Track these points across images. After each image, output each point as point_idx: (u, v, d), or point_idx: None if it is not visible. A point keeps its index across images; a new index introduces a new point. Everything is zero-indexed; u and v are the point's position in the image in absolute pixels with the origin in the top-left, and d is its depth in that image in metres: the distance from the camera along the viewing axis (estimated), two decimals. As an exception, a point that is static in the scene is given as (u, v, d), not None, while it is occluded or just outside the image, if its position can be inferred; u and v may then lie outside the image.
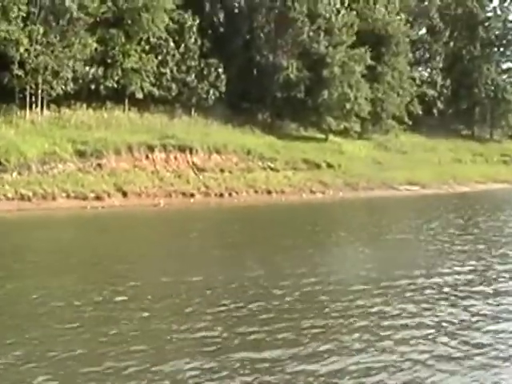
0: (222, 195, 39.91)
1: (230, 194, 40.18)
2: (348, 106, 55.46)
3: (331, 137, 57.30)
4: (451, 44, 78.37)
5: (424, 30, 78.42)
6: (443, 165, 61.89)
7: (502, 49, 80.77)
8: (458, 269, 17.94)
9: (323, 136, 56.82)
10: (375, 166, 54.14)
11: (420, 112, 67.75)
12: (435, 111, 73.09)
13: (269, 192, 41.93)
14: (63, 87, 44.93)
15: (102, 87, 47.62)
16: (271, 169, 46.33)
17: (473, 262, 19.09)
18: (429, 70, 75.12)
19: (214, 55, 53.90)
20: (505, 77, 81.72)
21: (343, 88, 55.35)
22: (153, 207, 36.16)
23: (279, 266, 18.04)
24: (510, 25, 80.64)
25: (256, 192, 41.58)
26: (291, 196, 42.28)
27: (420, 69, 71.51)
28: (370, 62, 57.91)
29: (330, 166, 49.59)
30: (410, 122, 66.64)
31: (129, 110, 49.25)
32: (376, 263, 18.89)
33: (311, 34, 56.24)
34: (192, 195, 39.05)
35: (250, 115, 55.78)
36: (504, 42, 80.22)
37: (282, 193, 42.36)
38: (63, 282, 16.21)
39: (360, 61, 56.68)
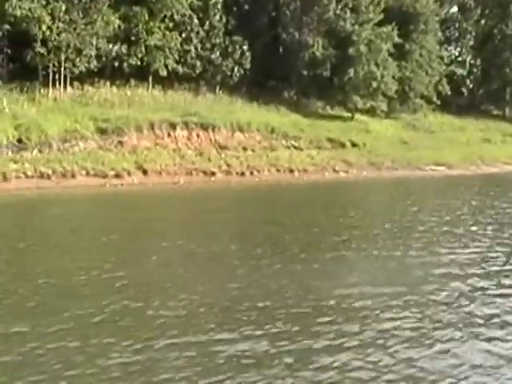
0: (243, 174, 39.43)
1: (251, 173, 39.70)
2: (374, 84, 54.62)
3: (357, 116, 56.51)
4: (482, 22, 76.75)
5: (455, 8, 76.92)
6: (472, 145, 60.86)
7: (534, 27, 78.46)
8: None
9: (349, 115, 56.07)
10: (401, 146, 53.39)
11: (449, 91, 66.38)
12: (465, 91, 71.80)
13: (291, 171, 41.38)
14: (86, 65, 44.67)
15: (125, 65, 47.41)
16: (295, 147, 45.76)
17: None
18: (458, 48, 73.57)
19: (238, 33, 53.35)
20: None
21: (369, 66, 54.51)
22: (172, 185, 35.78)
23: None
24: (543, 2, 78.67)
25: (278, 171, 41.06)
26: (314, 175, 41.72)
27: (449, 48, 69.82)
28: (397, 40, 56.70)
29: (354, 145, 48.89)
30: (439, 102, 65.54)
31: (153, 87, 48.92)
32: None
33: (337, 11, 55.30)
34: (213, 173, 38.63)
35: (275, 93, 55.30)
36: (537, 19, 78.13)
37: (304, 172, 41.79)
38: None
39: (387, 39, 55.74)
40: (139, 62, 47.94)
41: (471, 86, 72.23)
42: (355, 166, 44.92)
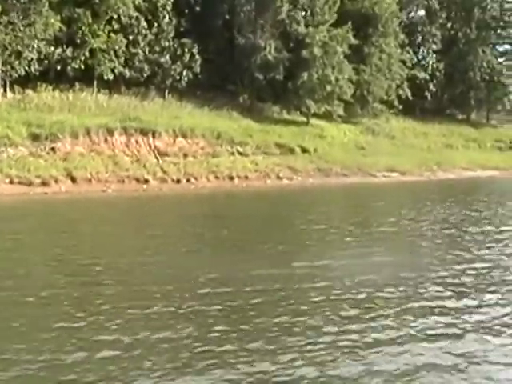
0: (179, 181, 37.78)
1: (188, 180, 38.05)
2: (329, 88, 52.98)
3: (314, 120, 54.93)
4: (448, 26, 75.46)
5: (422, 12, 75.58)
6: (433, 150, 59.53)
7: (498, 31, 77.36)
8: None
9: (305, 119, 54.47)
10: (357, 152, 51.93)
11: (410, 96, 64.89)
12: (428, 95, 70.35)
13: (231, 178, 39.75)
14: (27, 68, 43.05)
15: (69, 68, 45.71)
16: (240, 153, 44.14)
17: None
18: (423, 52, 72.05)
19: (190, 35, 51.83)
20: (501, 60, 78.64)
21: (324, 69, 52.91)
22: (100, 193, 34.07)
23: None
24: (507, 5, 77.60)
25: (217, 178, 39.44)
26: (256, 182, 40.12)
27: (412, 51, 68.20)
28: (354, 41, 55.13)
29: (305, 150, 47.34)
30: (400, 107, 64.14)
31: (99, 91, 47.23)
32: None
33: (291, 13, 53.76)
34: (146, 181, 36.97)
35: (229, 98, 53.65)
36: (501, 23, 77.00)
37: (245, 178, 40.18)
38: None
39: (342, 41, 54.11)
40: (83, 66, 46.15)
41: (434, 89, 70.67)
42: (302, 172, 43.37)
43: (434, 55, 71.43)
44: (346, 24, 55.28)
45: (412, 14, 73.97)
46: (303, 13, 53.99)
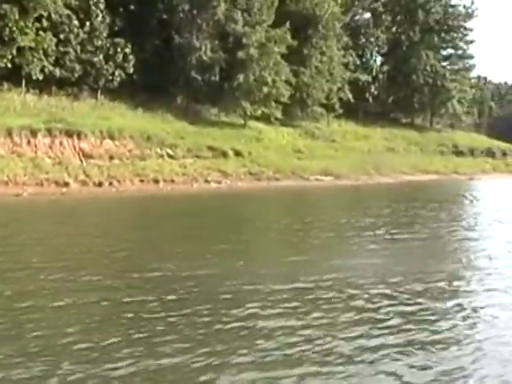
0: (101, 184, 36.39)
1: (110, 183, 36.65)
2: (265, 89, 51.94)
3: (253, 123, 53.95)
4: (393, 29, 75.11)
5: (368, 14, 75.10)
6: (373, 154, 58.91)
7: (442, 34, 77.09)
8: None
9: (243, 122, 53.47)
10: (293, 155, 51.05)
11: (351, 99, 64.29)
12: (370, 98, 69.85)
13: (156, 181, 38.47)
14: (-51, 66, 41.51)
15: (-5, 67, 44.15)
16: (170, 156, 42.90)
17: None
18: (367, 55, 71.53)
19: (125, 35, 50.50)
20: (445, 64, 78.50)
21: (261, 71, 51.88)
22: (15, 197, 32.56)
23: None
24: (451, 9, 77.54)
25: (142, 181, 38.10)
26: (182, 185, 38.85)
27: (356, 54, 67.60)
28: (292, 42, 53.95)
29: (238, 153, 46.21)
30: (341, 110, 63.48)
31: (27, 91, 45.68)
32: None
33: (229, 12, 52.67)
34: (66, 184, 35.54)
35: (165, 99, 52.37)
36: (445, 27, 76.79)
37: (171, 182, 38.94)
38: None
39: (279, 41, 53.07)
40: (10, 65, 44.57)
41: (376, 92, 70.21)
42: (232, 176, 42.24)
43: (378, 58, 71.04)
44: (289, 25, 54.33)
45: (357, 16, 73.35)
46: (241, 12, 52.67)
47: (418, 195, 40.81)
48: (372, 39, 71.33)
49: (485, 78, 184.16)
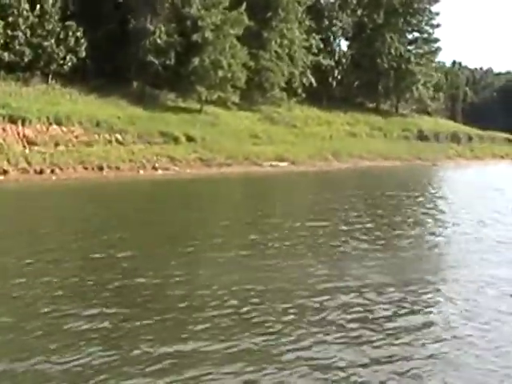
0: (42, 172, 35.24)
1: (52, 171, 35.50)
2: (220, 73, 50.84)
3: (209, 108, 52.90)
4: (359, 12, 74.00)
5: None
6: (334, 139, 58.11)
7: (407, 17, 76.08)
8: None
9: (199, 107, 52.42)
10: (250, 140, 50.05)
11: (314, 83, 63.33)
12: (334, 83, 68.93)
13: (101, 168, 37.35)
14: None
15: None
16: (119, 142, 41.77)
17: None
18: (331, 38, 70.39)
19: (79, 18, 49.20)
20: (411, 47, 77.58)
21: (216, 54, 50.78)
22: None
23: None
24: (416, -9, 76.52)
25: (86, 168, 36.97)
26: (128, 172, 37.75)
27: (319, 37, 66.41)
28: (249, 23, 52.73)
29: (191, 139, 45.20)
30: (304, 95, 62.52)
31: (-27, 75, 44.45)
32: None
33: (185, -6, 51.48)
34: (5, 172, 34.37)
35: (121, 84, 51.17)
36: (410, 10, 75.79)
37: (116, 169, 37.84)
38: None
39: (236, 24, 51.93)
40: (-46, 48, 43.32)
41: (340, 77, 69.28)
42: (181, 162, 41.20)
43: (344, 42, 70.05)
44: (247, 8, 53.18)
45: (322, -1, 72.10)
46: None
47: (364, 182, 40.05)
48: (336, 22, 70.21)
49: (459, 64, 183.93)
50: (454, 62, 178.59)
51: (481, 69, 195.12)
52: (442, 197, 32.71)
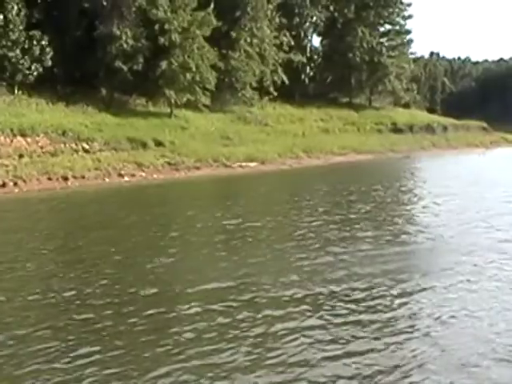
0: (4, 185, 34.95)
1: (15, 184, 35.20)
2: (189, 76, 50.63)
3: (180, 112, 52.75)
4: (331, 8, 73.91)
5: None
6: (307, 136, 58.02)
7: (379, 10, 75.99)
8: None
9: (169, 111, 52.26)
10: (221, 142, 49.90)
11: (286, 80, 63.25)
12: (306, 79, 68.87)
13: (65, 178, 37.08)
14: None
15: None
16: (85, 151, 41.58)
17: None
18: (302, 34, 70.19)
19: (45, 27, 48.95)
20: (383, 40, 77.53)
21: (184, 57, 50.58)
22: None
23: None
24: (387, -17, 76.45)
25: (50, 179, 36.69)
26: (94, 181, 37.52)
27: (290, 34, 66.10)
28: (217, 24, 52.25)
29: (159, 144, 45.03)
30: (276, 93, 62.40)
31: None
32: None
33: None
34: (-33, 187, 34.11)
35: (89, 91, 51.00)
36: (381, 2, 75.70)
37: (82, 178, 37.60)
38: None
39: (203, 24, 51.69)
40: None
41: (312, 73, 69.23)
42: (148, 168, 41.02)
43: (315, 37, 69.95)
44: (215, 8, 53.02)
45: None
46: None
47: (328, 178, 40.19)
48: (307, 19, 70.08)
49: (437, 54, 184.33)
50: (431, 53, 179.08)
51: (459, 58, 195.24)
52: (398, 187, 33.25)
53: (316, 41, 72.62)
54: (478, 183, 35.14)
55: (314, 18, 72.04)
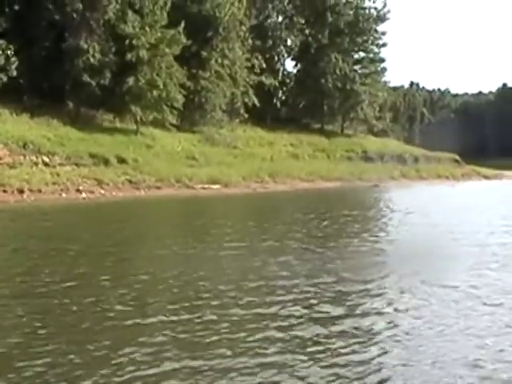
0: (-44, 196, 33.94)
1: (-31, 196, 34.24)
2: (155, 93, 49.88)
3: (147, 129, 51.87)
4: (307, 32, 73.56)
5: (280, 17, 73.56)
6: (275, 161, 57.31)
7: (353, 37, 75.82)
8: None
9: (135, 128, 51.37)
10: (186, 162, 49.04)
11: (257, 103, 62.66)
12: (278, 103, 68.35)
13: (21, 191, 36.03)
14: None
15: None
16: (45, 164, 40.57)
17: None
18: (275, 58, 69.74)
19: (11, 36, 47.94)
20: (357, 67, 77.33)
21: (152, 74, 49.85)
22: None
23: None
24: (361, 12, 76.38)
25: (5, 191, 35.68)
26: (50, 196, 36.52)
27: (263, 57, 65.65)
28: (186, 43, 51.49)
29: (122, 161, 44.07)
30: (247, 115, 61.81)
31: None
32: None
33: (120, 13, 50.49)
34: None
35: (56, 104, 50.01)
36: (356, 30, 75.57)
37: (38, 192, 36.56)
38: None
39: (172, 43, 50.99)
40: None
41: (284, 97, 68.74)
42: (108, 185, 40.05)
43: (289, 61, 69.55)
44: (187, 26, 52.32)
45: (268, 18, 71.38)
46: (133, 13, 50.45)
47: (284, 204, 39.42)
48: (281, 42, 69.68)
49: (417, 85, 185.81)
50: (411, 83, 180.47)
51: (438, 90, 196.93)
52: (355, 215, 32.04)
53: (290, 65, 71.91)
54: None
55: (289, 42, 71.65)
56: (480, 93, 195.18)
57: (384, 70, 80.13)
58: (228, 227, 25.64)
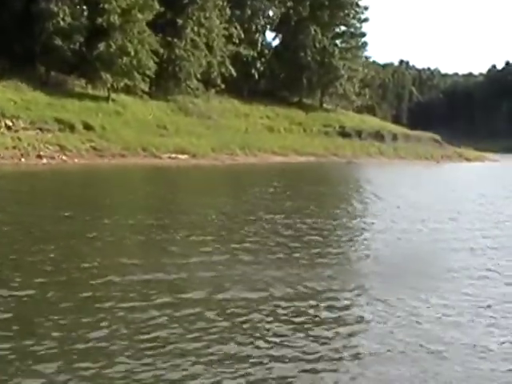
0: None
1: None
2: (127, 60, 48.81)
3: (118, 96, 50.95)
4: (288, 4, 72.36)
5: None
6: (250, 133, 56.49)
7: (334, 11, 74.62)
8: None
9: (106, 94, 50.43)
10: (156, 131, 48.17)
11: (234, 73, 61.66)
12: (256, 74, 67.33)
13: (-21, 155, 35.22)
14: None
15: None
16: (8, 128, 39.67)
17: None
18: (253, 29, 68.45)
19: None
20: (337, 42, 76.26)
21: (123, 40, 48.79)
22: None
23: None
24: (343, -17, 75.09)
25: (-37, 157, 34.88)
26: (9, 160, 35.72)
27: (240, 27, 64.39)
28: (159, 9, 50.43)
29: (89, 128, 43.22)
30: (223, 86, 60.85)
31: None
32: None
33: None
34: None
35: (26, 68, 48.97)
36: (337, 3, 74.35)
37: (-3, 157, 35.72)
38: None
39: (144, 8, 49.88)
40: None
41: (262, 69, 67.65)
42: (71, 152, 39.25)
43: (269, 33, 68.41)
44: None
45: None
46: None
47: (245, 178, 38.44)
48: (261, 12, 68.55)
49: (407, 63, 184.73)
50: (401, 61, 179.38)
51: (428, 69, 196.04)
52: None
53: (270, 36, 70.89)
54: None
55: (271, 13, 70.57)
56: (470, 74, 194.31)
57: (365, 44, 79.34)
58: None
